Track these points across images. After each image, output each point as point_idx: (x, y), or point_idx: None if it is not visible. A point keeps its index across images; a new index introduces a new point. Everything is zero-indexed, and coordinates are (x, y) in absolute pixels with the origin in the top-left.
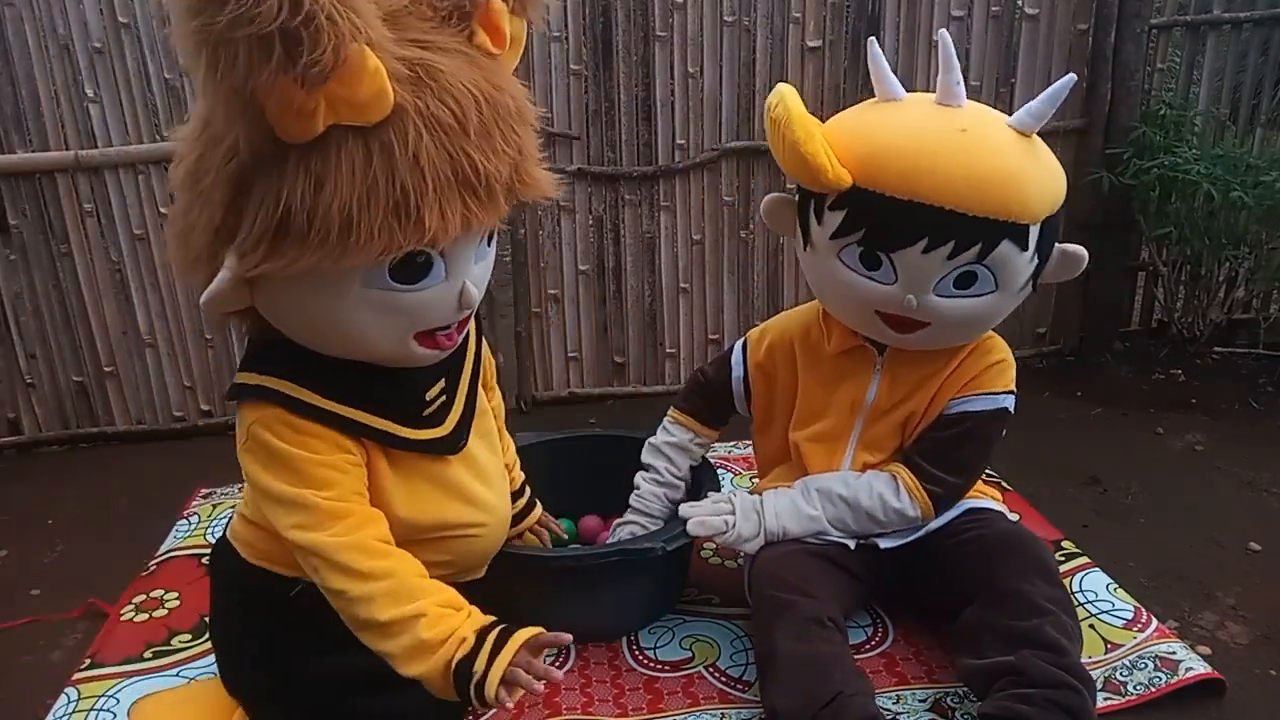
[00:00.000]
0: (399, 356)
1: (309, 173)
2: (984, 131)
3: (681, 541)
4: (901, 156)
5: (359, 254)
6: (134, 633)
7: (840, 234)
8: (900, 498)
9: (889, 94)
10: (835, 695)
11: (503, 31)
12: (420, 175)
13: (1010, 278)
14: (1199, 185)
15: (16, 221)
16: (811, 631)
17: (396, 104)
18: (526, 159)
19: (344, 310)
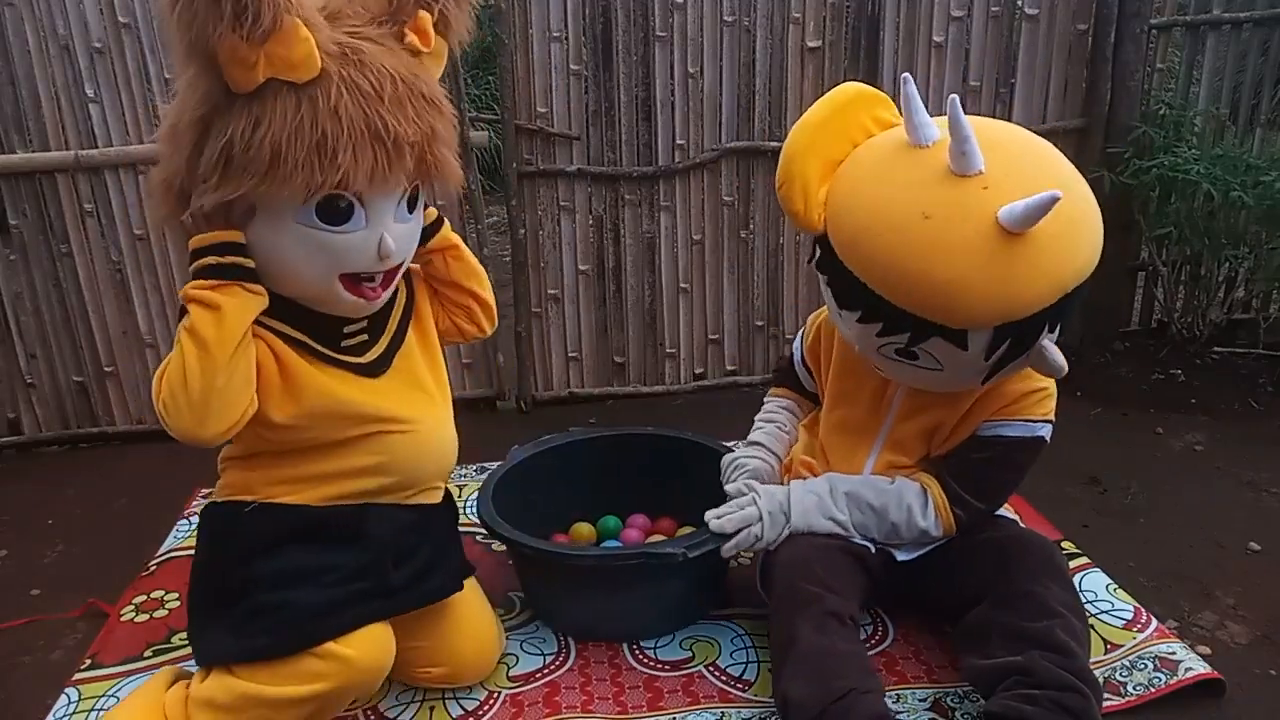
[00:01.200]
0: (326, 296)
1: (250, 114)
2: (950, 223)
3: (706, 549)
4: (854, 224)
5: (287, 182)
6: (134, 633)
7: (815, 267)
8: (927, 516)
9: (913, 140)
10: (848, 691)
11: (428, 35)
12: (338, 123)
13: (954, 364)
14: (1199, 185)
15: (16, 221)
16: (832, 626)
17: (323, 69)
18: (439, 140)
19: (280, 243)
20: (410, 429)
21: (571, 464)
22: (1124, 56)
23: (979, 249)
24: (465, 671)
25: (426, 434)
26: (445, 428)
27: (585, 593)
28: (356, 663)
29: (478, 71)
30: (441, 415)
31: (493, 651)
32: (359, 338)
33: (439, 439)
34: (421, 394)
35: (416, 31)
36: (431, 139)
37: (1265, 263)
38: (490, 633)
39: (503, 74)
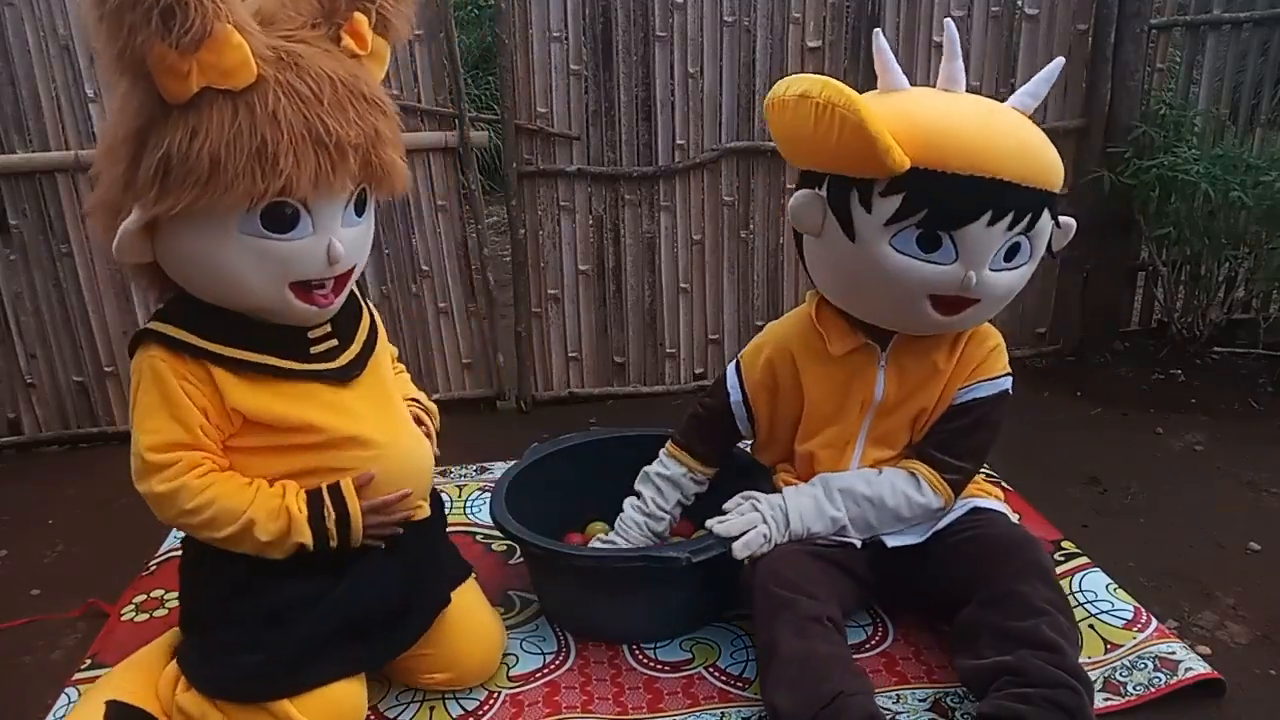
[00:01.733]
0: (277, 305)
1: (187, 125)
2: (1006, 110)
3: (710, 554)
4: (961, 132)
5: (228, 192)
6: (134, 633)
7: (898, 218)
8: (924, 493)
9: (894, 84)
10: (836, 695)
11: (364, 37)
12: (278, 129)
13: (1040, 246)
14: (1199, 185)
15: (16, 221)
16: (812, 630)
17: (260, 75)
18: (383, 142)
19: (225, 254)
20: (380, 452)
21: (590, 463)
22: (1124, 56)
23: (1031, 125)
24: (469, 675)
25: (400, 455)
26: (418, 444)
27: (588, 593)
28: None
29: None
30: (413, 431)
31: (495, 652)
32: (328, 343)
33: (415, 457)
34: (392, 410)
35: (352, 34)
36: (375, 141)
37: (1265, 263)
38: (492, 634)
39: (503, 74)
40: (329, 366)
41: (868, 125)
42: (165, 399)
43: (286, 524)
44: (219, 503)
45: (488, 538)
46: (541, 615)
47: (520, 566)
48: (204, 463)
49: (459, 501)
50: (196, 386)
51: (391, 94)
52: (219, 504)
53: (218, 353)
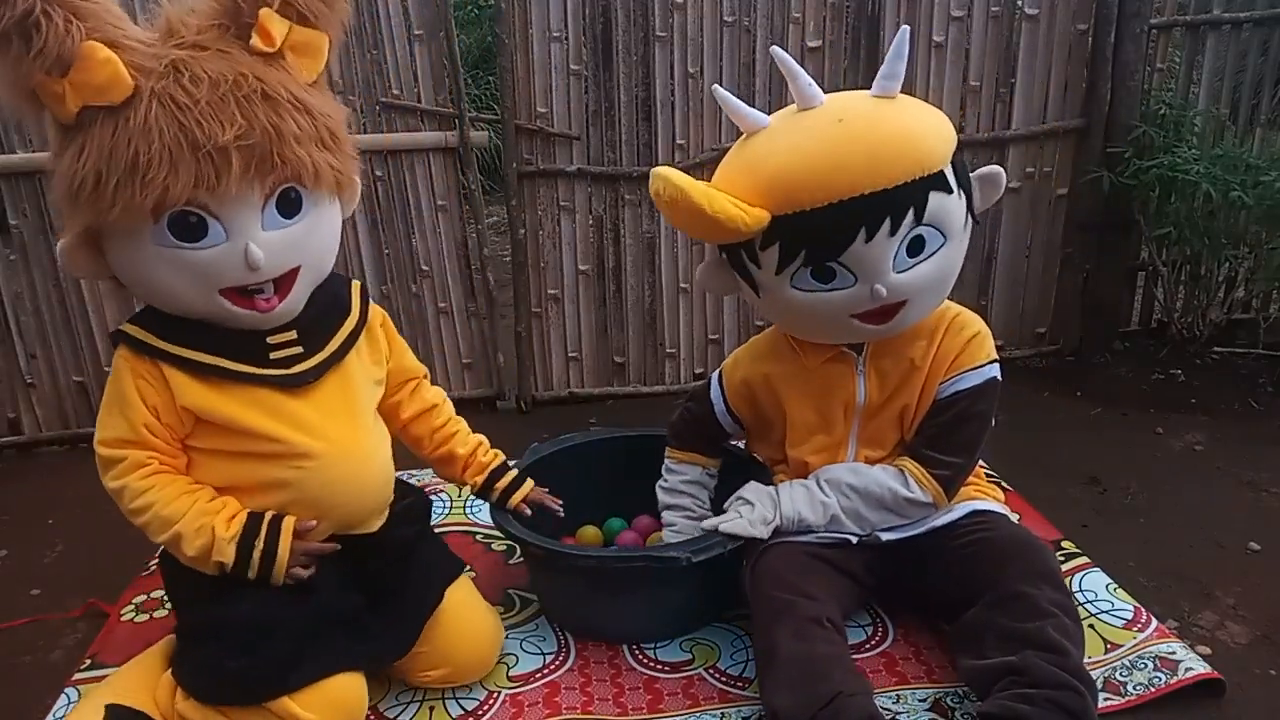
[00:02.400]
0: (217, 312)
1: (77, 145)
2: (857, 112)
3: (712, 554)
4: (801, 169)
5: (114, 208)
6: (134, 633)
7: (784, 264)
8: (910, 488)
9: (752, 126)
10: (835, 695)
11: (270, 33)
12: (149, 139)
13: (950, 224)
14: (1199, 185)
15: (16, 221)
16: (811, 632)
17: (137, 87)
18: (287, 139)
19: (147, 267)
20: (322, 463)
21: (590, 463)
22: (1124, 56)
23: (890, 111)
24: (465, 672)
25: (338, 463)
26: (368, 461)
27: (589, 594)
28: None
29: (478, 71)
30: (367, 447)
31: (492, 650)
32: (290, 349)
33: (356, 473)
34: (349, 422)
35: (260, 33)
36: (276, 139)
37: (1265, 263)
38: (488, 631)
39: (503, 74)
40: (280, 373)
41: (705, 210)
42: (119, 396)
43: (210, 543)
44: (153, 509)
45: (488, 538)
46: (541, 615)
47: (520, 566)
48: (149, 463)
49: (459, 501)
50: (150, 385)
51: (391, 94)
52: (153, 510)
53: (172, 352)
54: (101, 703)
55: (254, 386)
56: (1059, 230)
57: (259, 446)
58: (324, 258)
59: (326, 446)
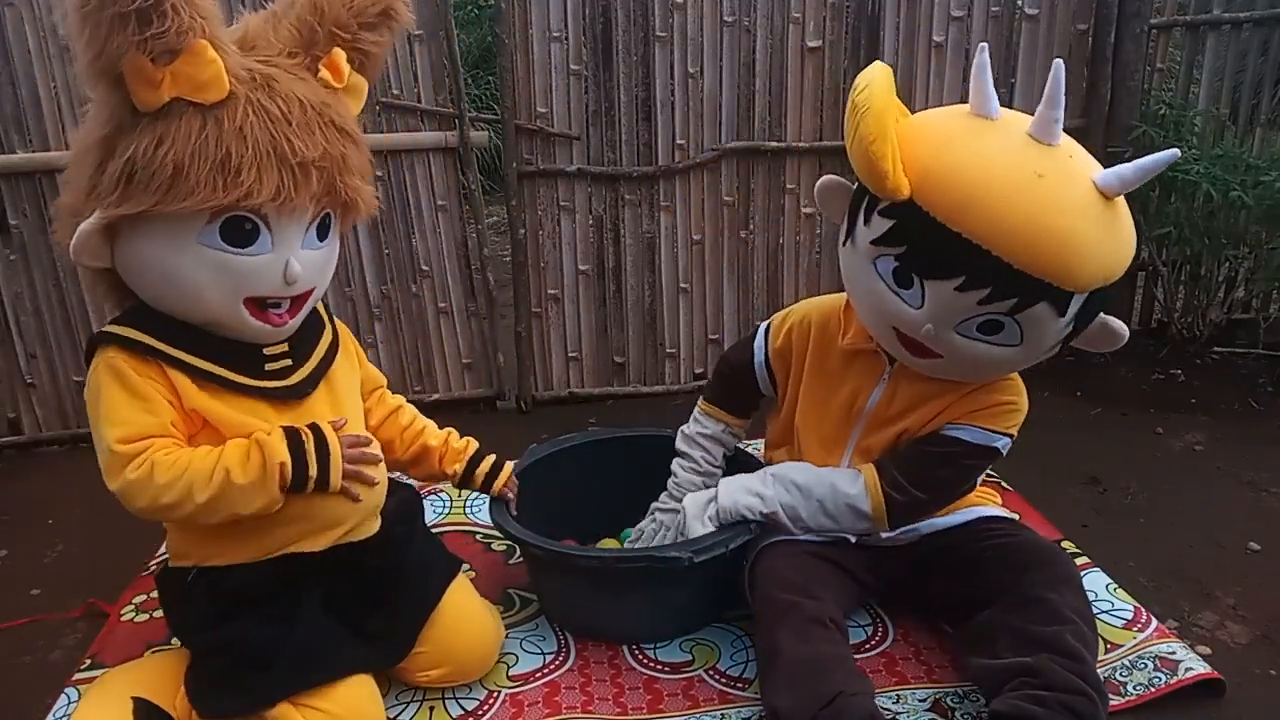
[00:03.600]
0: (231, 320)
1: (155, 132)
2: (1062, 183)
3: (712, 554)
4: (964, 185)
5: (188, 199)
6: (134, 633)
7: (882, 242)
8: (855, 486)
9: (982, 109)
10: (836, 695)
11: (341, 71)
12: (243, 143)
13: (1038, 337)
14: (1199, 185)
15: (16, 221)
16: (813, 632)
17: (231, 91)
18: (350, 169)
19: (183, 264)
20: None
21: (590, 463)
22: (1124, 56)
23: (1087, 209)
24: (466, 671)
25: None
26: None
27: (590, 594)
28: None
29: (478, 71)
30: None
31: (492, 648)
32: (282, 362)
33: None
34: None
35: (330, 68)
36: (342, 167)
37: (1265, 263)
38: (488, 630)
39: (503, 74)
40: (279, 384)
41: (869, 143)
42: (132, 394)
43: (260, 455)
44: (192, 467)
45: (487, 537)
46: (541, 615)
47: (520, 566)
48: (172, 446)
49: (459, 501)
50: (158, 385)
51: (391, 94)
52: (191, 469)
53: (174, 356)
54: (127, 693)
55: (251, 398)
56: None
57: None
58: (327, 281)
59: None
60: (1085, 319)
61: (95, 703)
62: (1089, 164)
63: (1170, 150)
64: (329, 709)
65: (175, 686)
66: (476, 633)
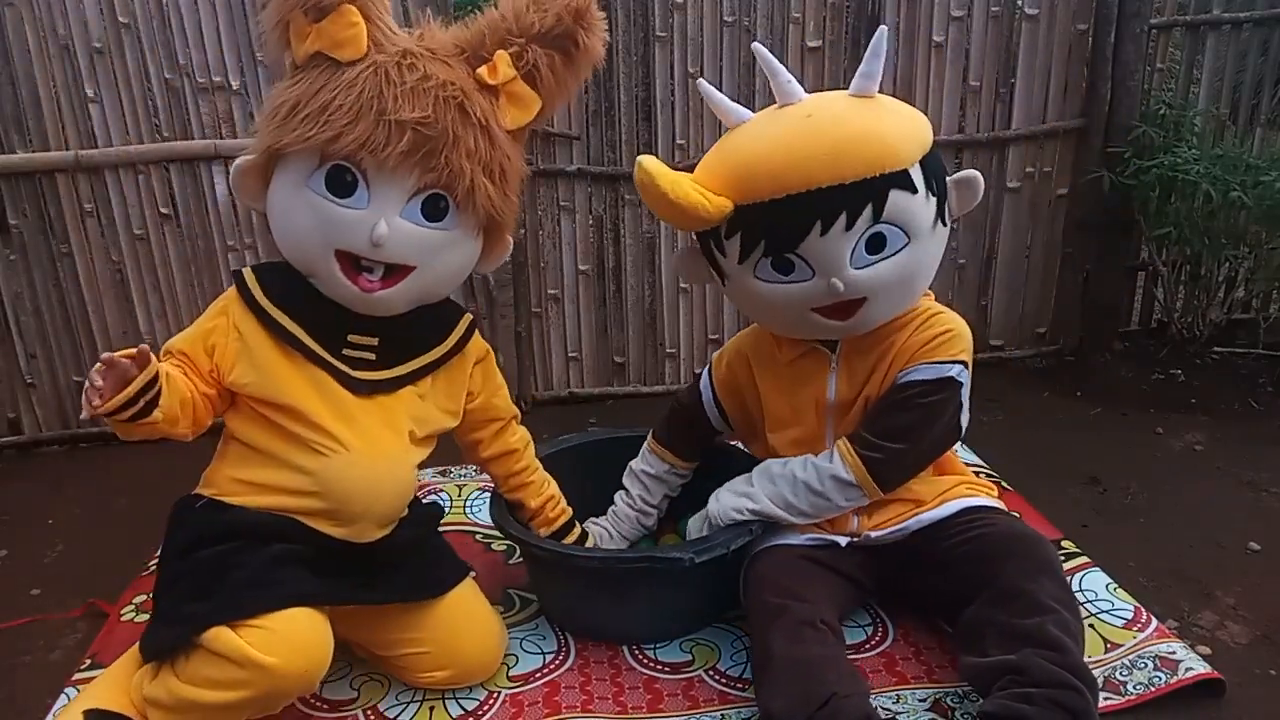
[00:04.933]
0: (324, 272)
1: (293, 78)
2: (828, 108)
3: (713, 555)
4: (763, 160)
5: (291, 134)
6: (134, 633)
7: (745, 253)
8: (833, 460)
9: (734, 121)
10: (830, 696)
11: (498, 69)
12: (348, 92)
13: (915, 223)
14: (1199, 185)
15: (16, 221)
16: (805, 634)
17: (368, 54)
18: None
19: (292, 205)
20: (342, 452)
21: (590, 463)
22: (1124, 56)
23: (863, 109)
24: (470, 673)
25: (363, 463)
26: (392, 472)
27: (590, 594)
28: (275, 669)
29: None
30: (395, 458)
31: (496, 651)
32: (364, 353)
33: (377, 479)
34: (386, 432)
35: (489, 67)
36: (450, 143)
37: (1265, 263)
38: (493, 632)
39: None
40: (346, 370)
41: (670, 195)
42: (201, 320)
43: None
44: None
45: (487, 537)
46: (541, 615)
47: (520, 566)
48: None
49: (459, 501)
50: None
51: None
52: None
53: (265, 309)
54: (79, 710)
55: (317, 368)
56: (1059, 230)
57: (296, 426)
58: (441, 277)
59: (358, 443)
60: (938, 186)
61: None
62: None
63: (880, 28)
64: (267, 626)
65: (128, 684)
66: (481, 635)
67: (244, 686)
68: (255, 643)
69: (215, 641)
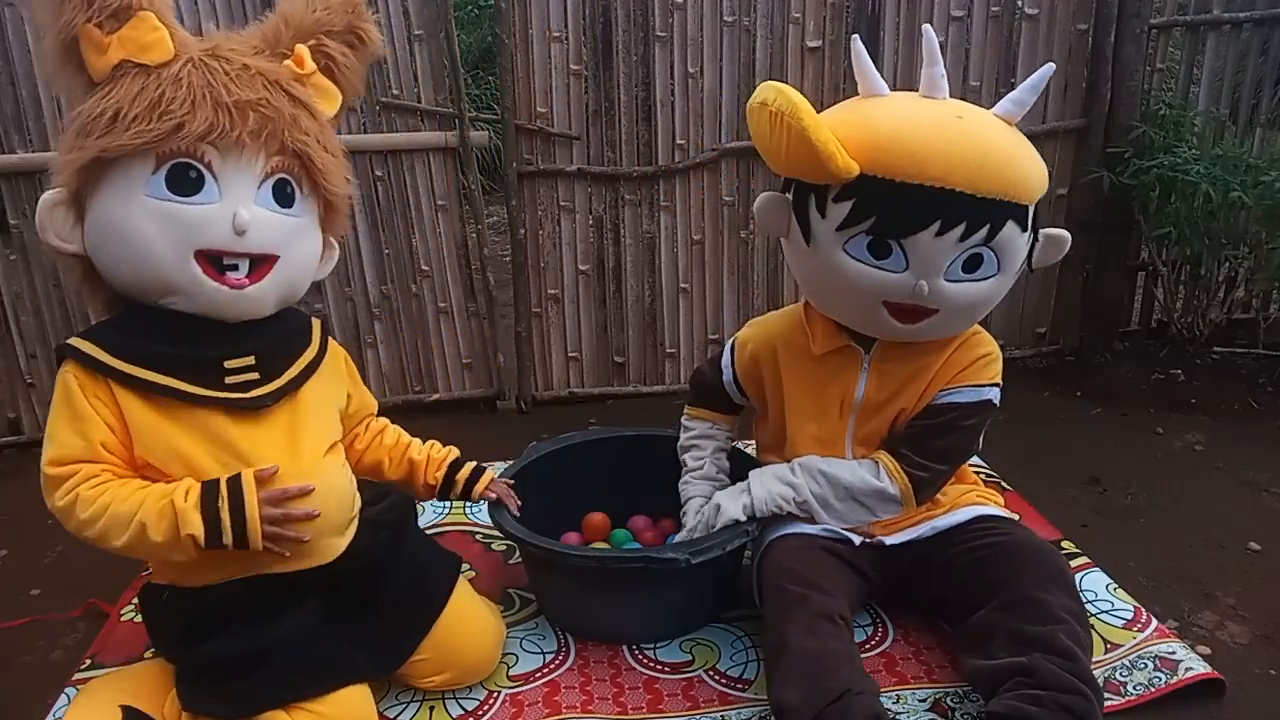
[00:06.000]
0: (186, 281)
1: (103, 93)
2: (978, 118)
3: (709, 555)
4: (906, 141)
5: (124, 134)
6: (134, 633)
7: (848, 224)
8: (880, 478)
9: (873, 90)
10: (843, 692)
11: (304, 60)
12: (178, 86)
13: (1011, 259)
14: (1199, 185)
15: (16, 221)
16: (823, 627)
17: (178, 53)
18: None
19: (131, 219)
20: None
21: (590, 462)
22: (1124, 56)
23: (1008, 132)
24: (470, 674)
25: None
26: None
27: (587, 593)
28: None
29: (478, 71)
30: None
31: (493, 650)
32: (245, 375)
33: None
34: (297, 451)
35: (295, 58)
36: (291, 124)
37: (1265, 263)
38: (489, 631)
39: (503, 74)
40: (236, 397)
41: (809, 133)
42: (72, 413)
43: (173, 519)
44: (109, 509)
45: (487, 537)
46: (541, 615)
47: (520, 566)
48: (101, 474)
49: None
50: (103, 403)
51: (391, 94)
52: (110, 510)
53: (123, 370)
54: (115, 703)
55: (204, 410)
56: None
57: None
58: (301, 268)
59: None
60: (1036, 231)
61: (83, 710)
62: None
63: (1047, 65)
64: (321, 710)
65: (164, 692)
66: (478, 635)
67: None
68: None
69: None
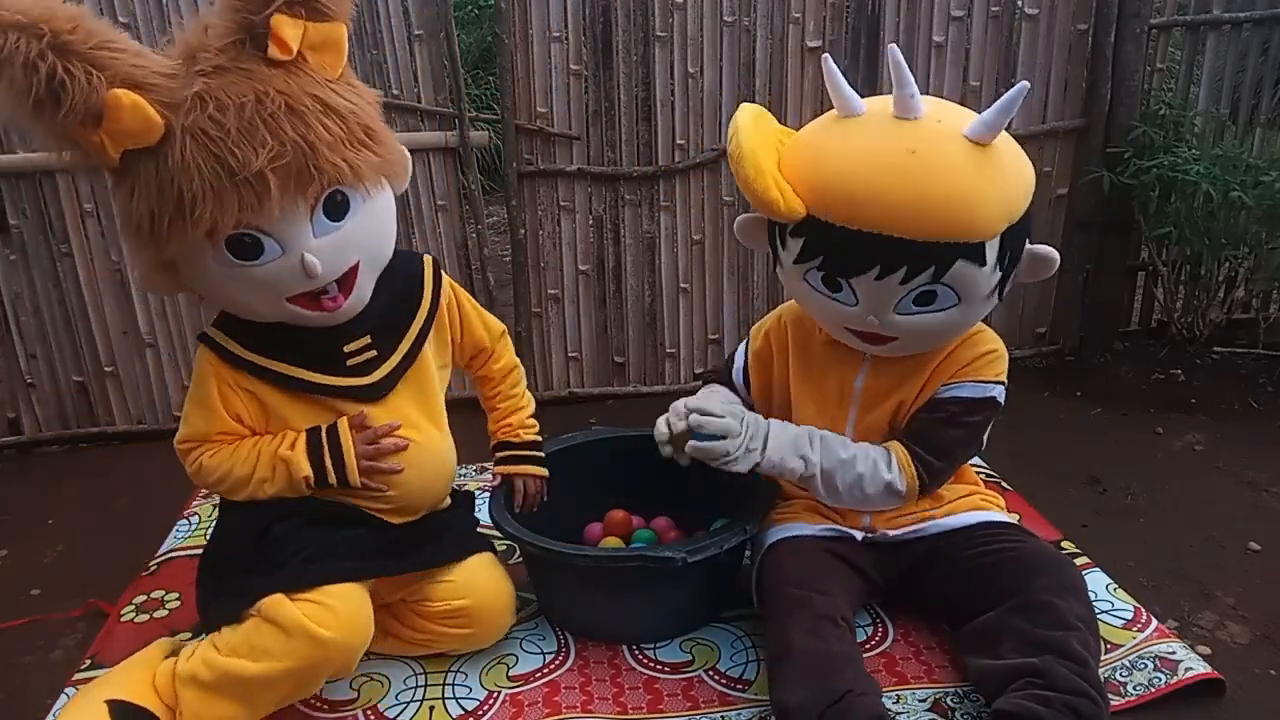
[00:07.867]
0: (289, 318)
1: (126, 186)
2: (935, 150)
3: (706, 554)
4: (849, 185)
5: (170, 244)
6: (134, 633)
7: (801, 260)
8: (891, 469)
9: (847, 109)
10: (846, 693)
11: (285, 41)
12: (190, 176)
13: (971, 290)
14: (1199, 185)
15: (16, 221)
16: (825, 629)
17: (168, 125)
18: (322, 147)
19: (216, 283)
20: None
21: (590, 462)
22: (1124, 56)
23: (965, 164)
24: (483, 612)
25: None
26: (437, 460)
27: (585, 593)
28: (328, 642)
29: (478, 71)
30: (438, 446)
31: (510, 603)
32: (365, 355)
33: (431, 471)
34: (423, 423)
35: (276, 41)
36: (309, 152)
37: (1265, 263)
38: (508, 593)
39: (503, 74)
40: (361, 383)
41: (750, 183)
42: (200, 398)
43: (286, 469)
44: (232, 473)
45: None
46: (541, 615)
47: (520, 565)
48: (218, 443)
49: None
50: (234, 391)
51: (391, 94)
52: (233, 474)
53: (256, 363)
54: (101, 699)
55: (333, 398)
56: (1059, 230)
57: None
58: (381, 246)
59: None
60: (1010, 258)
61: (70, 714)
62: (959, 121)
63: (1020, 84)
64: (322, 600)
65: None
66: (500, 582)
67: (291, 657)
68: (310, 615)
69: (272, 609)
